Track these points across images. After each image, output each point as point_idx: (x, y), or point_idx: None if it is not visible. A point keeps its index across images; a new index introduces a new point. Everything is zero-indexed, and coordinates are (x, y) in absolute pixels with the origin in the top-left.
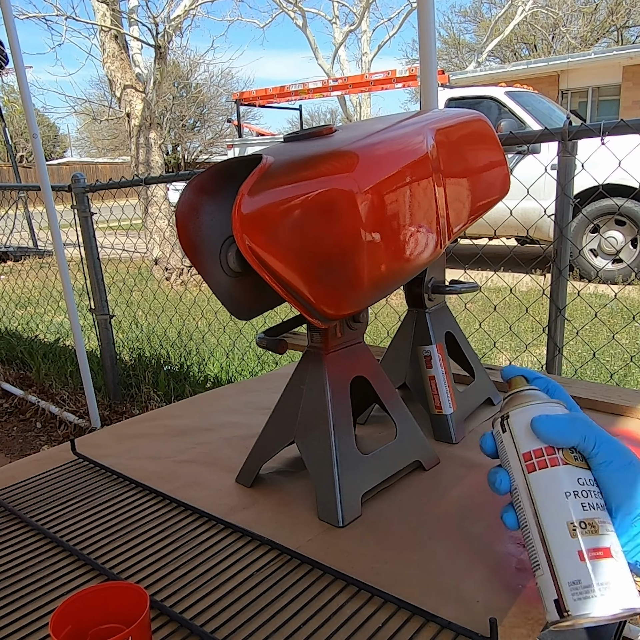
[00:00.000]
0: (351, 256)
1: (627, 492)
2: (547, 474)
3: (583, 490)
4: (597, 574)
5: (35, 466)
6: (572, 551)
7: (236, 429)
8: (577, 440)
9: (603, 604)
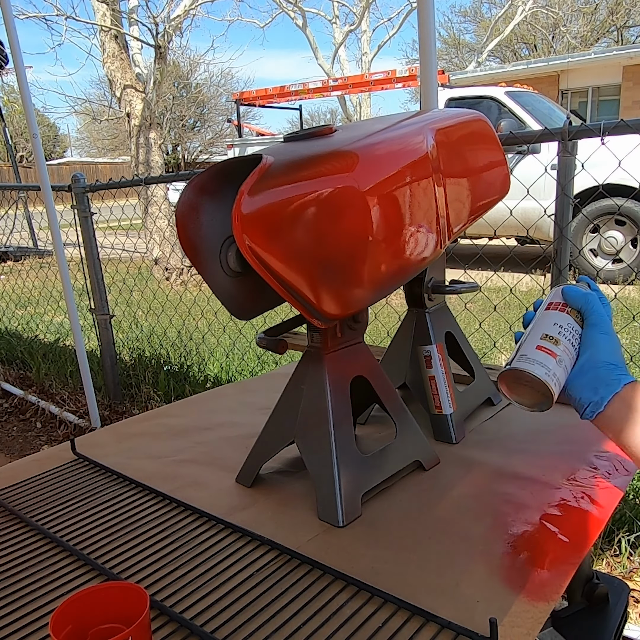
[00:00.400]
0: (351, 256)
1: (601, 347)
2: (552, 314)
3: (567, 329)
4: (540, 357)
5: (35, 466)
6: (535, 343)
7: (236, 429)
8: (581, 304)
9: (533, 368)
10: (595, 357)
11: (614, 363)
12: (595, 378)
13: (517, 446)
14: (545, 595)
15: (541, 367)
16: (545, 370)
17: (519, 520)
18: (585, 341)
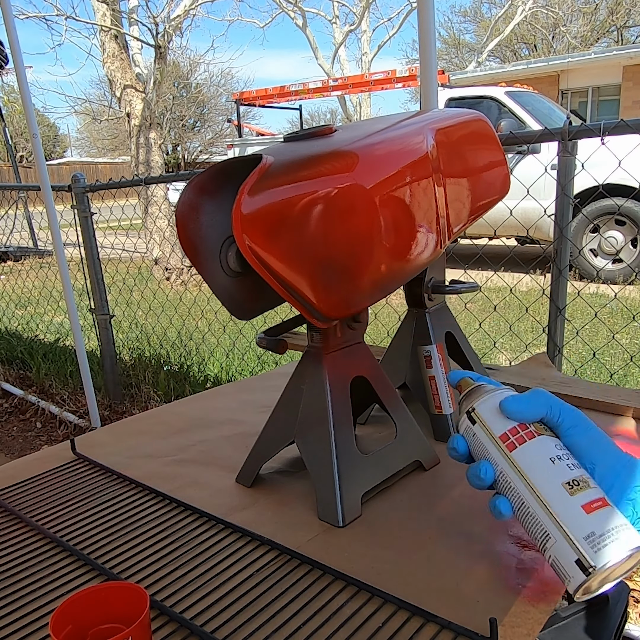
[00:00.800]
0: (351, 256)
1: (600, 446)
2: (529, 447)
3: (563, 453)
4: (605, 521)
5: (35, 465)
6: (577, 508)
7: (236, 428)
8: (545, 411)
9: (620, 546)
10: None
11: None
12: None
13: None
14: (546, 595)
15: (624, 530)
16: (626, 528)
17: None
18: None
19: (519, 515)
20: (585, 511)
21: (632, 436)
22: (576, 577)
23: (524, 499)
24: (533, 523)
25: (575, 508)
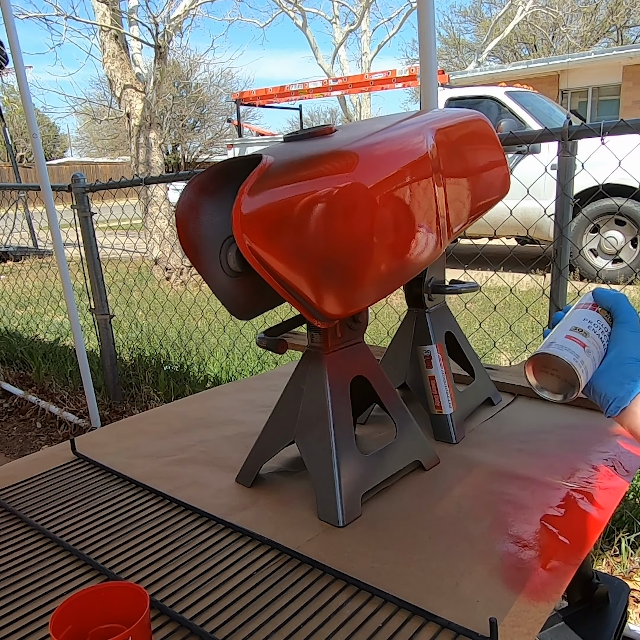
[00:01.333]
0: (351, 256)
1: (629, 343)
2: (583, 311)
3: (597, 325)
4: (568, 344)
5: (35, 465)
6: (564, 332)
7: (236, 427)
8: (611, 303)
9: (559, 353)
10: (624, 353)
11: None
12: (622, 374)
13: (517, 446)
14: (546, 595)
15: (570, 352)
16: (574, 356)
17: (519, 520)
18: (614, 338)
19: None
20: (565, 336)
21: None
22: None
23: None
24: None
25: (564, 332)
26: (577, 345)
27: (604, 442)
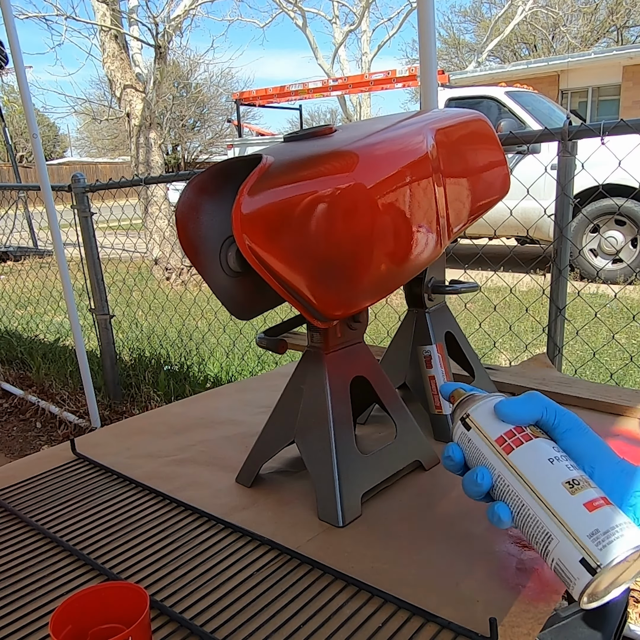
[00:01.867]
0: (351, 256)
1: (598, 450)
2: (526, 449)
3: (560, 455)
4: (609, 519)
5: (36, 465)
6: (579, 506)
7: (236, 427)
8: (540, 413)
9: (626, 543)
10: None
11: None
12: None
13: None
14: (546, 595)
15: (628, 528)
16: (629, 526)
17: None
18: (580, 454)
19: (519, 520)
20: (587, 509)
21: (633, 436)
22: (582, 578)
23: (523, 502)
24: (534, 526)
25: (578, 506)
26: (605, 508)
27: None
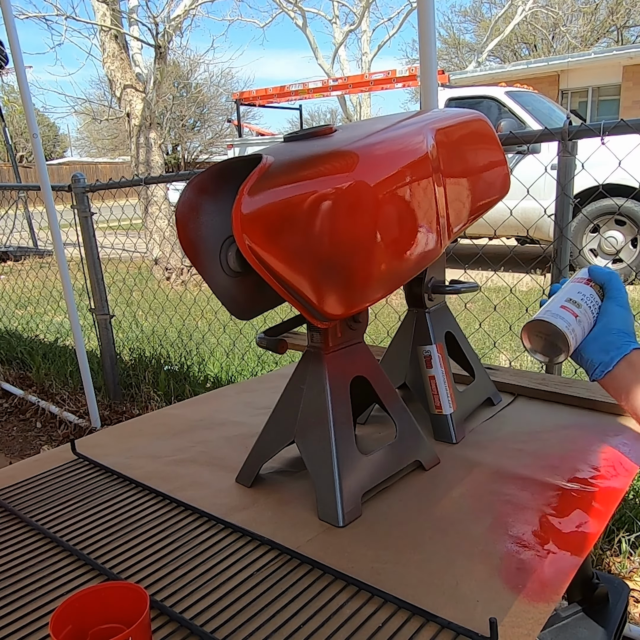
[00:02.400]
0: (351, 256)
1: (615, 317)
2: (578, 284)
3: (589, 299)
4: (563, 313)
5: (36, 466)
6: (560, 303)
7: (236, 429)
8: (604, 280)
9: (553, 320)
10: (610, 324)
11: (625, 331)
12: (607, 342)
13: (517, 446)
14: (546, 595)
15: (562, 320)
16: (566, 324)
17: (519, 520)
18: (603, 311)
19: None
20: (560, 307)
21: (633, 436)
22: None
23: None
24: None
25: (559, 303)
26: (570, 315)
27: (604, 442)
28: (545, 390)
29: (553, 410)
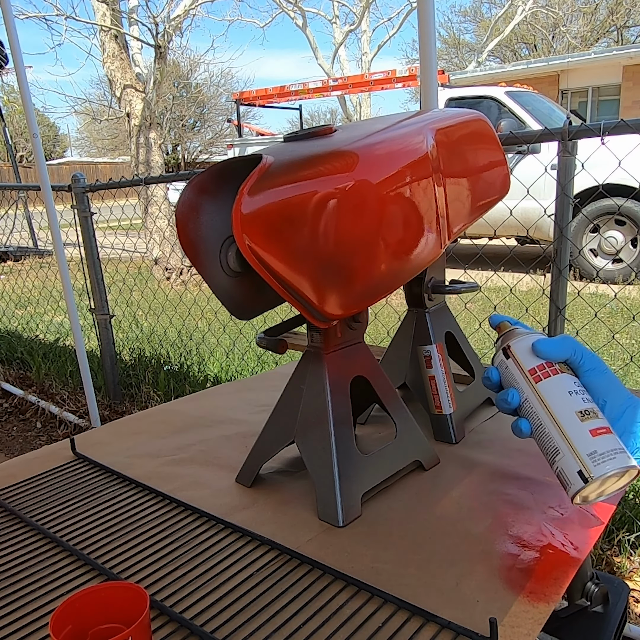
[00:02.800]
0: (351, 256)
1: (612, 387)
2: (552, 381)
3: (579, 389)
4: (607, 444)
5: (35, 464)
6: (585, 431)
7: (236, 427)
8: (570, 353)
9: (615, 463)
10: (623, 401)
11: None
12: (631, 423)
13: (517, 446)
14: (546, 595)
15: (620, 453)
16: (622, 452)
17: (519, 520)
18: (597, 390)
19: (536, 434)
20: (591, 435)
21: None
22: (576, 484)
23: (542, 421)
24: (547, 441)
25: (584, 431)
26: (608, 436)
27: None
28: None
29: None
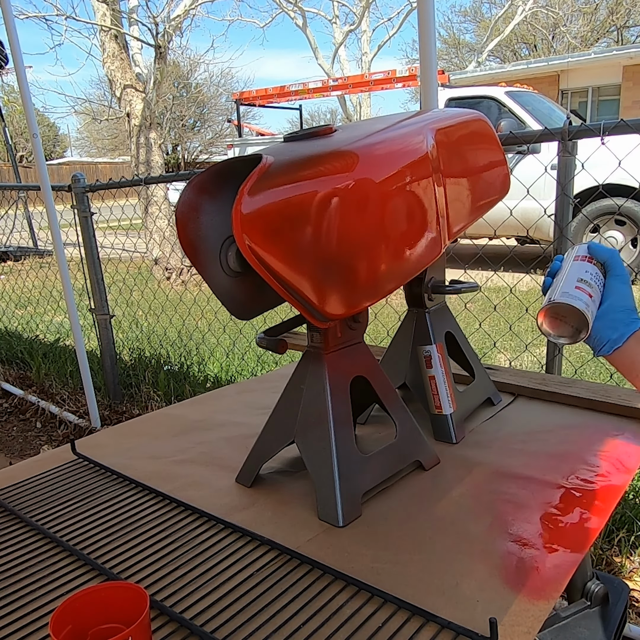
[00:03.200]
0: (351, 256)
1: (621, 294)
2: (583, 263)
3: (595, 277)
4: (580, 295)
5: (36, 467)
6: (574, 283)
7: (236, 429)
8: (608, 256)
9: (574, 302)
10: (617, 302)
11: (631, 309)
12: (615, 319)
13: (517, 446)
14: (545, 594)
15: (581, 302)
16: (585, 305)
17: (519, 520)
18: (609, 289)
19: (551, 287)
20: (575, 287)
21: (632, 436)
22: (544, 302)
23: (557, 278)
24: (554, 285)
25: (573, 283)
26: (585, 295)
27: (604, 442)
28: (545, 390)
29: (553, 410)
